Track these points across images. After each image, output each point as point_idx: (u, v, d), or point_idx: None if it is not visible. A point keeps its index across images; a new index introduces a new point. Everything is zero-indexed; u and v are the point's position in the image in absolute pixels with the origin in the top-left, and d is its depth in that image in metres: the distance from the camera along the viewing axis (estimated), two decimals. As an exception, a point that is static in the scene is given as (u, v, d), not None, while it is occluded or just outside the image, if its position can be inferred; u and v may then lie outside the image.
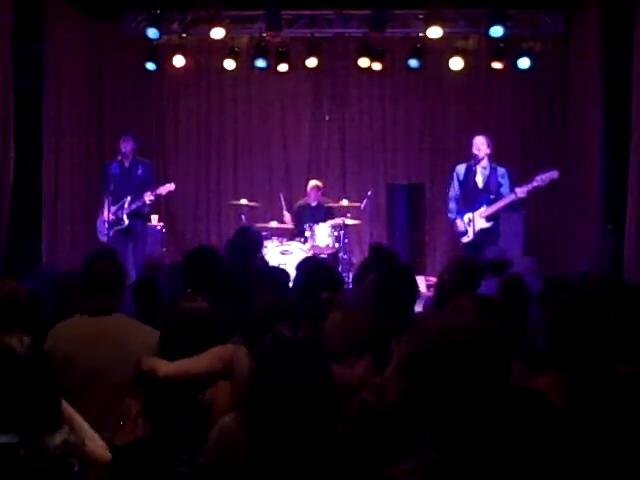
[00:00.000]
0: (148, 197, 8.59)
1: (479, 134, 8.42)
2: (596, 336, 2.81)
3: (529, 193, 8.00)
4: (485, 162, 8.21)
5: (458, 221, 8.22)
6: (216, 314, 3.30)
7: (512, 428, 1.82)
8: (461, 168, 8.29)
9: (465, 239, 8.17)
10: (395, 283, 3.79)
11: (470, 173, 8.20)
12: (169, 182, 8.97)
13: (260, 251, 6.88)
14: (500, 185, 8.14)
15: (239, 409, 2.48)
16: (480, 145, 8.16)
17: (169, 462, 2.91)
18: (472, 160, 8.19)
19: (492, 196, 8.09)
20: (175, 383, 3.04)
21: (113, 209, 8.57)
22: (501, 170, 8.22)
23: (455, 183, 8.29)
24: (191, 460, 2.90)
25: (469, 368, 1.77)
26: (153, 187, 8.75)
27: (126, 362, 3.28)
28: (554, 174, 7.91)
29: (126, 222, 8.59)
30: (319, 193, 9.57)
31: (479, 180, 8.20)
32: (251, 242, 5.77)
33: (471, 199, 8.17)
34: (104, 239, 8.50)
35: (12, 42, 7.58)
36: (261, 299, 3.39)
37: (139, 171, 8.75)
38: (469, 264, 4.93)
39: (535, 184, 7.92)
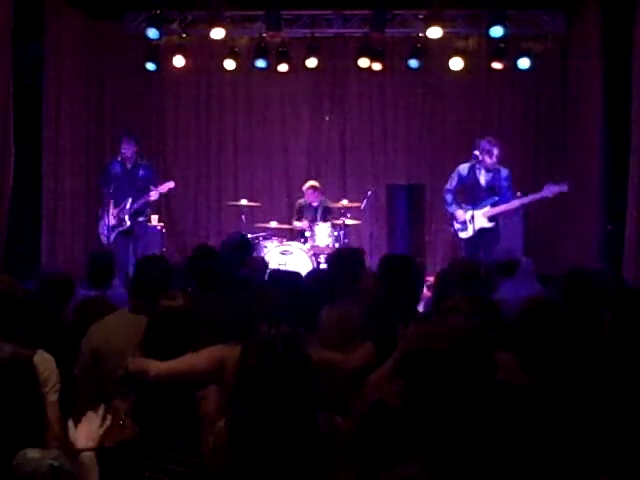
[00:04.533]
0: (154, 194, 8.54)
1: (497, 141, 8.12)
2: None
3: (535, 202, 7.97)
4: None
5: (459, 211, 8.13)
6: (207, 312, 3.29)
7: (503, 428, 1.81)
8: (464, 168, 8.22)
9: (464, 235, 8.10)
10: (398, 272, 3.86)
11: (472, 173, 8.12)
12: (169, 181, 8.94)
13: (251, 251, 6.87)
14: (502, 187, 8.09)
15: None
16: (495, 156, 7.96)
17: (160, 462, 2.91)
18: (475, 162, 8.07)
19: (497, 197, 8.03)
20: (165, 382, 3.04)
21: (115, 211, 8.53)
22: (504, 172, 8.10)
23: (455, 178, 8.21)
24: (183, 458, 2.90)
25: (456, 371, 1.76)
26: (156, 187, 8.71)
27: None
28: (564, 188, 7.82)
29: (127, 223, 8.56)
30: (316, 193, 9.56)
31: (482, 180, 8.14)
32: (240, 245, 5.75)
33: (474, 198, 8.11)
34: (105, 240, 8.48)
35: (12, 42, 7.58)
36: (244, 296, 3.40)
37: (140, 173, 8.70)
38: (468, 265, 4.93)
39: (544, 194, 7.88)
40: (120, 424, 2.70)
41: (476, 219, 7.96)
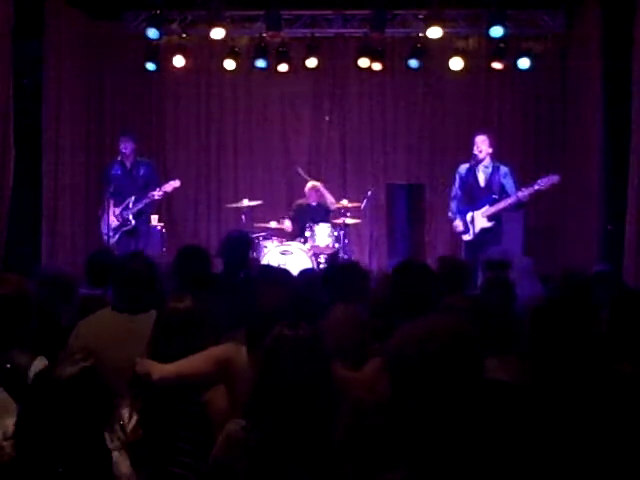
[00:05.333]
0: (157, 193, 8.52)
1: (480, 133, 8.33)
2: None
3: (530, 196, 7.96)
4: (487, 161, 8.10)
5: (457, 221, 8.16)
6: (208, 313, 3.28)
7: (490, 432, 1.79)
8: (463, 168, 8.22)
9: (467, 237, 8.11)
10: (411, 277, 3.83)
11: (472, 173, 8.11)
12: (174, 180, 8.90)
13: (251, 249, 6.85)
14: (502, 185, 8.06)
15: (239, 411, 2.48)
16: (481, 144, 8.05)
17: (166, 464, 2.90)
18: (472, 160, 8.11)
19: (495, 195, 8.00)
20: (170, 385, 3.02)
21: (117, 210, 8.52)
22: (504, 169, 8.12)
23: (457, 182, 8.24)
24: (189, 462, 2.89)
25: (439, 374, 1.74)
26: (158, 185, 8.68)
27: None
28: (555, 178, 7.83)
29: (133, 222, 8.54)
30: (318, 194, 9.55)
31: (481, 179, 8.12)
32: (240, 242, 5.72)
33: (473, 198, 8.11)
34: (107, 241, 8.46)
35: (12, 42, 7.58)
36: (262, 299, 3.37)
37: (141, 172, 8.68)
38: (453, 263, 4.93)
39: (537, 187, 7.85)
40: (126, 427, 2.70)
41: (476, 220, 7.95)
